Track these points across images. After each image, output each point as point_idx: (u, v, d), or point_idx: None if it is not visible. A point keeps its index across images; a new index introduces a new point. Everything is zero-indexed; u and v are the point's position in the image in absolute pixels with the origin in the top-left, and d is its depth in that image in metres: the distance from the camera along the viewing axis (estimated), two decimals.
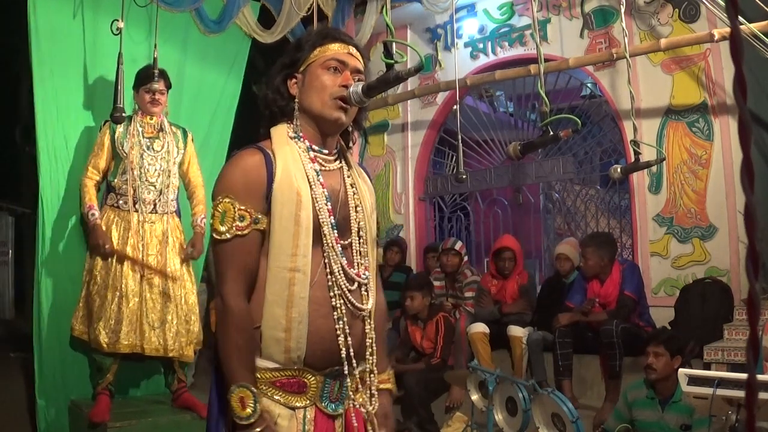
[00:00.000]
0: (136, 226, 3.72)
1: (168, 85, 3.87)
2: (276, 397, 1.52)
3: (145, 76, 3.77)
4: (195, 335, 3.83)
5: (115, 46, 3.67)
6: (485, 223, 6.48)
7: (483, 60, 6.11)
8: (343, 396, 1.59)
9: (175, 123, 4.01)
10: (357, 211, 1.64)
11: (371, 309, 1.63)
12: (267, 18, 5.09)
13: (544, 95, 3.58)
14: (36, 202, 3.90)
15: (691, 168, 4.92)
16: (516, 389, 3.18)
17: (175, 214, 3.91)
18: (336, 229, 1.57)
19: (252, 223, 1.51)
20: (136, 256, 3.69)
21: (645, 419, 3.39)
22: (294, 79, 1.63)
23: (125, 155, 3.73)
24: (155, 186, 3.78)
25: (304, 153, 1.60)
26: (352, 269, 1.59)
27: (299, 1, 5.02)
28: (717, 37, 4.36)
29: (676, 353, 3.36)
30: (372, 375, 1.64)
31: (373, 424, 1.65)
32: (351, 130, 1.72)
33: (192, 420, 3.65)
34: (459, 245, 5.45)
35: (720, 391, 2.45)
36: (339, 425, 1.59)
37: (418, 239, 6.50)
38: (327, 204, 1.57)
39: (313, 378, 1.54)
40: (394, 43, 1.56)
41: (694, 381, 2.60)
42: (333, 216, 1.58)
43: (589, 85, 5.72)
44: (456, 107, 5.07)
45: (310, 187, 1.56)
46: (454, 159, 5.88)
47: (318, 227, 1.55)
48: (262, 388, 1.50)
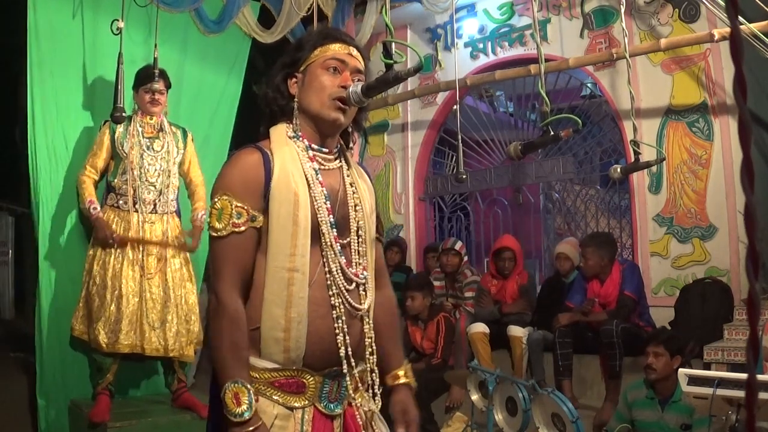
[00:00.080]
0: (136, 226, 3.72)
1: (168, 85, 3.87)
2: (275, 398, 1.52)
3: (145, 76, 3.77)
4: (195, 335, 3.83)
5: (115, 46, 3.67)
6: (485, 223, 6.48)
7: (483, 60, 6.10)
8: (342, 396, 1.59)
9: (175, 123, 4.01)
10: (356, 211, 1.64)
11: (369, 308, 1.63)
12: (267, 18, 5.09)
13: (544, 95, 3.58)
14: (35, 201, 3.90)
15: (691, 168, 4.92)
16: (516, 389, 3.18)
17: (175, 214, 3.91)
18: (335, 228, 1.57)
19: (249, 221, 1.51)
20: (136, 256, 3.70)
21: (645, 419, 3.39)
22: (294, 79, 1.64)
23: (125, 155, 3.73)
24: (155, 186, 3.78)
25: (303, 152, 1.60)
26: (350, 269, 1.59)
27: (299, 1, 5.02)
28: (717, 37, 4.36)
29: (675, 353, 3.36)
30: (373, 374, 1.64)
31: (373, 423, 1.65)
32: (351, 130, 1.72)
33: (192, 420, 3.65)
34: (459, 245, 5.45)
35: (720, 391, 2.45)
36: (338, 425, 1.58)
37: (418, 239, 6.50)
38: (326, 203, 1.57)
39: (312, 378, 1.54)
40: (393, 44, 1.57)
41: (694, 381, 2.60)
42: (332, 215, 1.58)
43: (589, 85, 5.72)
44: (456, 107, 5.07)
45: (308, 186, 1.56)
46: (454, 159, 5.88)
47: (316, 226, 1.55)
48: (260, 388, 1.50)
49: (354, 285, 1.59)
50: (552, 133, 3.60)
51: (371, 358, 1.63)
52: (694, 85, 4.93)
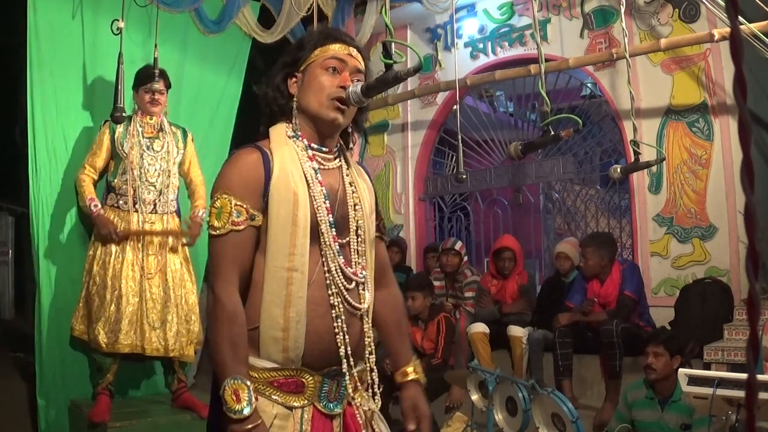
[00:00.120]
0: (136, 226, 3.71)
1: (168, 85, 3.87)
2: (274, 397, 1.52)
3: (145, 76, 3.77)
4: (195, 335, 3.83)
5: (115, 46, 3.67)
6: (485, 223, 6.48)
7: (483, 60, 6.10)
8: (342, 396, 1.59)
9: (175, 123, 4.01)
10: (356, 210, 1.64)
11: (368, 308, 1.63)
12: (267, 18, 5.09)
13: (545, 95, 3.58)
14: (35, 201, 3.89)
15: (691, 168, 4.92)
16: (516, 389, 3.18)
17: (175, 214, 3.90)
18: (334, 228, 1.57)
19: (248, 220, 1.51)
20: (136, 256, 3.70)
21: (644, 419, 3.39)
22: (294, 79, 1.64)
23: (125, 155, 3.73)
24: (155, 186, 3.78)
25: (302, 152, 1.60)
26: (349, 268, 1.59)
27: (299, 1, 5.02)
28: (717, 37, 4.36)
29: (675, 353, 3.36)
30: (372, 373, 1.64)
31: (373, 422, 1.65)
32: (351, 130, 1.71)
33: (192, 420, 3.65)
34: (459, 245, 5.45)
35: (720, 391, 2.45)
36: (337, 425, 1.58)
37: (418, 239, 6.50)
38: (325, 202, 1.57)
39: (311, 378, 1.54)
40: (393, 44, 1.57)
41: (694, 381, 2.60)
42: (331, 214, 1.58)
43: (589, 85, 5.72)
44: (456, 107, 5.07)
45: (308, 186, 1.56)
46: (454, 159, 5.87)
47: (316, 226, 1.55)
48: (259, 387, 1.50)
49: (353, 284, 1.59)
50: (552, 133, 3.60)
51: (370, 357, 1.63)
52: (694, 85, 4.93)
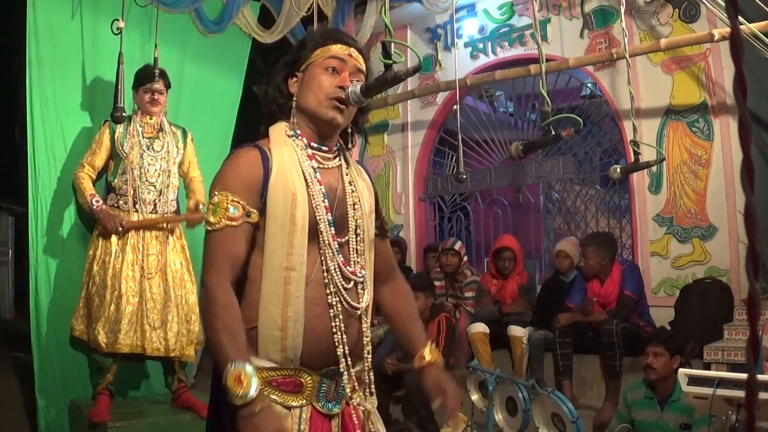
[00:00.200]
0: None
1: (167, 85, 3.87)
2: (272, 397, 1.51)
3: (145, 76, 3.77)
4: (196, 335, 3.82)
5: (115, 46, 3.67)
6: (485, 223, 6.48)
7: (483, 60, 6.10)
8: (340, 395, 1.59)
9: (175, 123, 4.01)
10: (355, 209, 1.64)
11: (367, 307, 1.63)
12: (267, 18, 5.09)
13: (545, 95, 3.58)
14: (34, 202, 3.89)
15: (691, 168, 4.92)
16: (516, 389, 3.18)
17: (176, 213, 3.90)
18: (333, 227, 1.57)
19: (244, 216, 1.51)
20: (136, 256, 3.69)
21: (644, 419, 3.39)
22: (295, 78, 1.64)
23: (125, 155, 3.73)
24: (155, 186, 3.77)
25: (301, 150, 1.60)
26: (348, 267, 1.59)
27: (299, 1, 5.02)
28: (717, 37, 4.36)
29: (675, 353, 3.36)
30: (370, 373, 1.64)
31: (372, 422, 1.64)
32: (351, 131, 1.71)
33: (192, 420, 3.64)
34: (459, 245, 5.45)
35: (720, 391, 2.45)
36: (336, 425, 1.58)
37: (418, 239, 6.50)
38: (324, 201, 1.57)
39: (310, 378, 1.54)
40: (392, 44, 1.57)
41: (694, 381, 2.60)
42: (330, 213, 1.58)
43: (589, 85, 5.72)
44: (456, 107, 5.07)
45: (306, 185, 1.56)
46: (454, 159, 5.87)
47: (314, 225, 1.55)
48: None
49: (352, 284, 1.59)
50: (554, 133, 3.60)
51: (368, 357, 1.63)
52: (694, 85, 4.93)
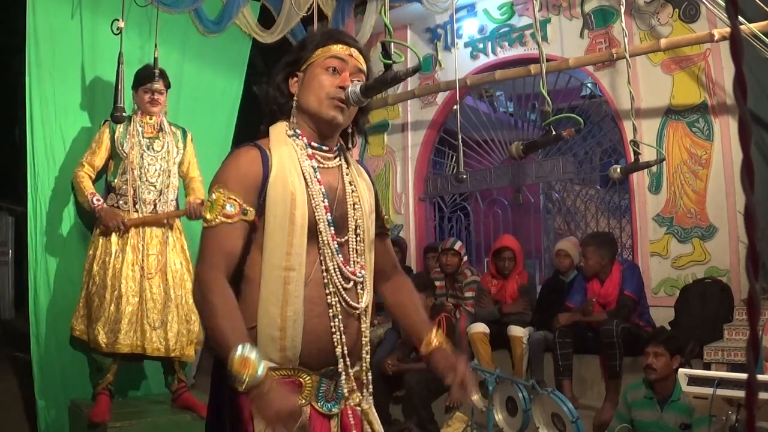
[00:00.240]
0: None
1: (167, 85, 3.87)
2: None
3: (145, 76, 3.77)
4: (196, 335, 3.82)
5: (114, 46, 3.67)
6: (485, 223, 6.47)
7: (483, 60, 6.10)
8: (339, 395, 1.59)
9: (175, 123, 4.01)
10: (355, 209, 1.64)
11: (367, 307, 1.63)
12: (267, 18, 5.09)
13: (546, 95, 3.58)
14: (33, 202, 3.89)
15: (691, 168, 4.92)
16: (516, 389, 3.18)
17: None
18: (332, 227, 1.57)
19: (240, 213, 1.51)
20: (136, 256, 3.69)
21: (644, 419, 3.39)
22: (295, 78, 1.64)
23: (125, 155, 3.73)
24: (155, 186, 3.77)
25: (301, 150, 1.60)
26: (347, 267, 1.59)
27: (299, 1, 5.02)
28: (717, 37, 4.36)
29: (675, 353, 3.36)
30: (368, 373, 1.64)
31: (370, 422, 1.64)
32: (351, 131, 1.71)
33: (192, 420, 3.65)
34: (458, 245, 5.45)
35: (720, 391, 2.45)
36: (335, 425, 1.58)
37: (418, 239, 6.50)
38: (324, 201, 1.57)
39: (309, 378, 1.54)
40: (392, 44, 1.57)
41: (694, 381, 2.60)
42: (330, 213, 1.58)
43: (589, 85, 5.72)
44: (456, 107, 5.07)
45: (306, 184, 1.56)
46: (454, 159, 5.87)
47: (314, 224, 1.55)
48: None
49: (351, 284, 1.59)
50: (554, 133, 3.60)
51: (367, 357, 1.63)
52: (694, 85, 4.93)
